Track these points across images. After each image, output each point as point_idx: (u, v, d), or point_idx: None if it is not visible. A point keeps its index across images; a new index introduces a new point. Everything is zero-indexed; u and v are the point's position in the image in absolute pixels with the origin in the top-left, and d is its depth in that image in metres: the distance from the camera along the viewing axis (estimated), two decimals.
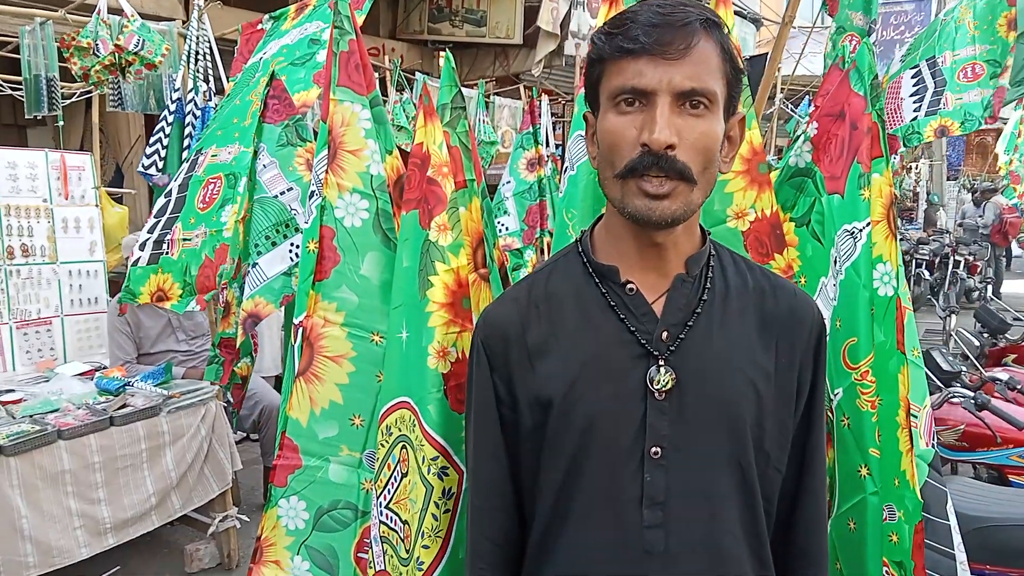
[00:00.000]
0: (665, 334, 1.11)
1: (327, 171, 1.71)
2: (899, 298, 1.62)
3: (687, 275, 1.14)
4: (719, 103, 1.06)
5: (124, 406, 3.28)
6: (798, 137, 1.84)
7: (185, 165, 3.03)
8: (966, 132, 3.77)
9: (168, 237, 2.72)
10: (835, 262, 1.71)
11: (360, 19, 2.58)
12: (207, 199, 2.67)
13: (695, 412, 1.10)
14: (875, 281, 1.64)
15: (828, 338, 1.34)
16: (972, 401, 3.18)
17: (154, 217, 2.86)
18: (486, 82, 8.09)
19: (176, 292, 2.64)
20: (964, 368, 3.85)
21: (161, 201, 2.98)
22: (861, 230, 1.63)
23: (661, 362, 1.10)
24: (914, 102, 3.85)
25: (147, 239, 2.78)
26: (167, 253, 2.69)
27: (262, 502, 4.00)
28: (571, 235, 1.66)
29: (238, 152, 2.71)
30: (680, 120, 1.03)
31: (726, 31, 1.08)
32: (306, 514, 1.72)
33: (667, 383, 1.09)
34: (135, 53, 3.71)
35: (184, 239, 2.65)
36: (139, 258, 2.74)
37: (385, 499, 1.50)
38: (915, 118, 3.82)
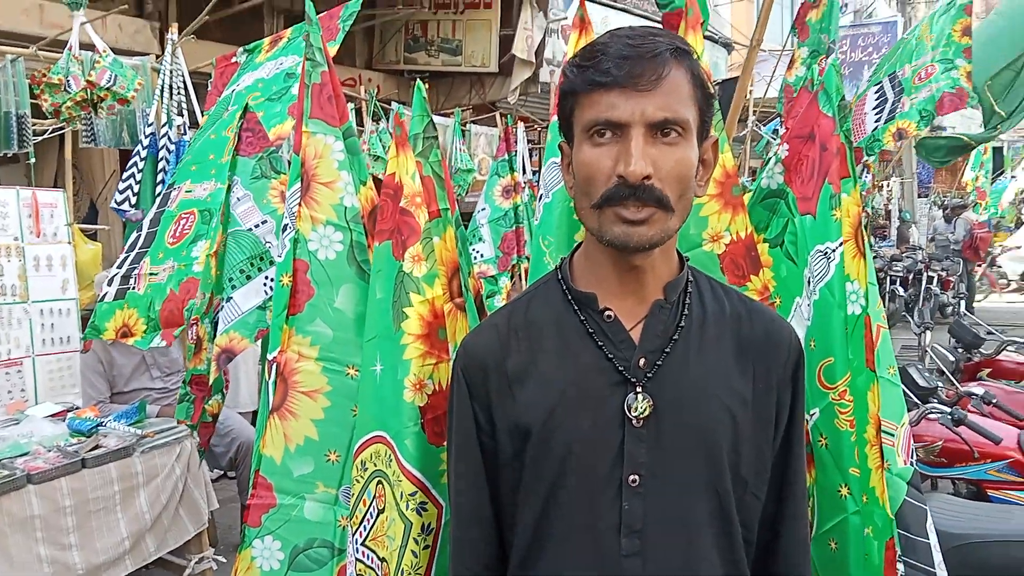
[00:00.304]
0: (642, 361, 1.11)
1: (300, 204, 1.69)
2: (868, 316, 1.63)
3: (665, 301, 1.14)
4: (692, 130, 1.07)
5: (96, 447, 3.20)
6: (770, 159, 1.86)
7: (158, 200, 3.00)
8: (921, 130, 3.89)
9: (135, 272, 2.68)
10: (808, 282, 1.72)
11: (333, 50, 2.58)
12: (178, 234, 2.65)
13: (672, 439, 1.10)
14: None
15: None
16: (949, 417, 3.19)
17: (124, 252, 2.83)
18: (462, 110, 8.13)
19: (140, 328, 2.60)
20: (940, 384, 3.88)
21: (132, 236, 2.94)
22: (834, 250, 1.64)
23: (638, 389, 1.10)
24: (875, 114, 3.98)
25: (115, 274, 2.74)
26: (133, 288, 2.66)
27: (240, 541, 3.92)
28: (548, 262, 1.66)
29: (214, 188, 2.68)
30: (654, 150, 1.04)
31: (695, 58, 1.09)
32: (281, 554, 1.68)
33: (644, 410, 1.09)
34: (107, 88, 3.67)
35: (151, 274, 2.62)
36: (106, 293, 2.70)
37: (361, 536, 1.47)
38: (876, 127, 3.95)
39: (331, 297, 1.68)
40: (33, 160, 4.47)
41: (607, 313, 1.13)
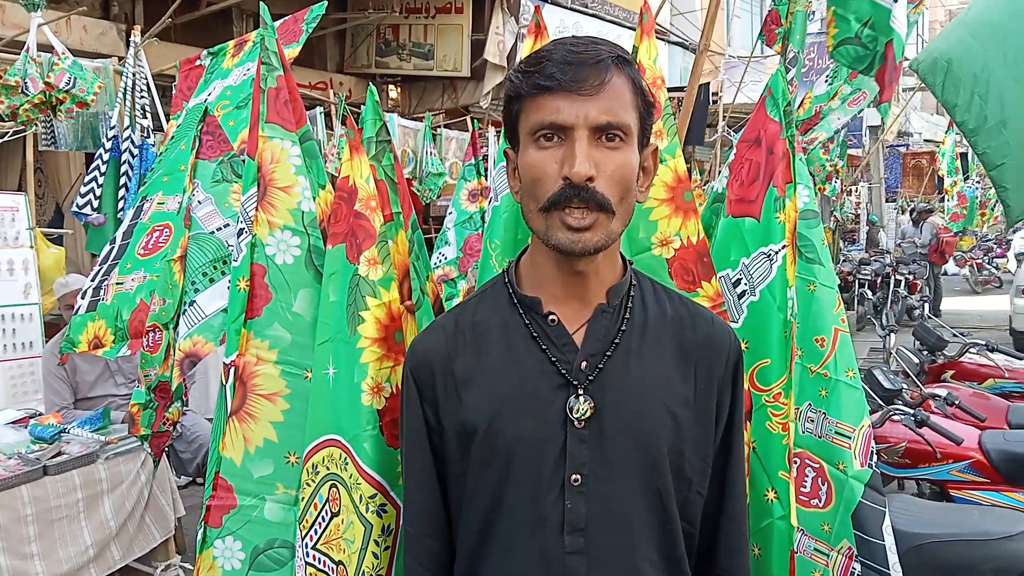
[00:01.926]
0: (584, 364, 1.14)
1: (257, 208, 1.69)
2: (794, 323, 1.65)
3: (608, 305, 1.17)
4: (633, 135, 1.10)
5: (59, 454, 3.17)
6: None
7: (130, 211, 2.97)
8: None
9: (105, 283, 2.67)
10: (737, 284, 1.74)
11: (295, 51, 2.57)
12: (151, 246, 2.63)
13: (613, 440, 1.13)
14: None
15: None
16: (912, 418, 3.24)
17: (98, 265, 2.81)
18: (434, 114, 8.14)
19: (109, 338, 2.59)
20: (905, 386, 3.94)
21: (106, 249, 2.91)
22: (776, 252, 1.67)
23: (580, 391, 1.12)
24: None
25: (88, 287, 2.73)
26: (102, 300, 2.64)
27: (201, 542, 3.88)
28: (494, 265, 1.67)
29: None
30: (598, 153, 1.07)
31: (637, 67, 1.13)
32: (242, 554, 1.68)
33: (586, 412, 1.12)
34: (66, 91, 3.63)
35: (117, 283, 2.60)
36: (80, 306, 2.69)
37: (312, 539, 1.47)
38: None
39: (289, 301, 1.68)
40: None
41: (551, 317, 1.16)
